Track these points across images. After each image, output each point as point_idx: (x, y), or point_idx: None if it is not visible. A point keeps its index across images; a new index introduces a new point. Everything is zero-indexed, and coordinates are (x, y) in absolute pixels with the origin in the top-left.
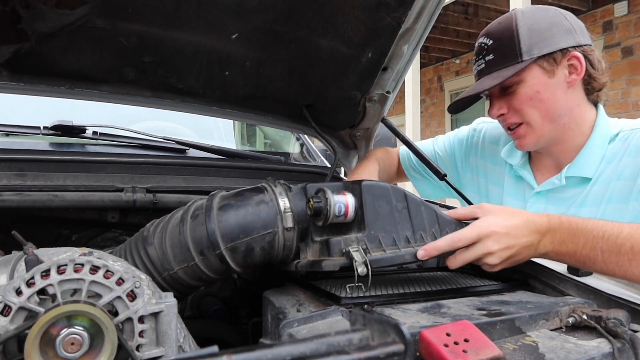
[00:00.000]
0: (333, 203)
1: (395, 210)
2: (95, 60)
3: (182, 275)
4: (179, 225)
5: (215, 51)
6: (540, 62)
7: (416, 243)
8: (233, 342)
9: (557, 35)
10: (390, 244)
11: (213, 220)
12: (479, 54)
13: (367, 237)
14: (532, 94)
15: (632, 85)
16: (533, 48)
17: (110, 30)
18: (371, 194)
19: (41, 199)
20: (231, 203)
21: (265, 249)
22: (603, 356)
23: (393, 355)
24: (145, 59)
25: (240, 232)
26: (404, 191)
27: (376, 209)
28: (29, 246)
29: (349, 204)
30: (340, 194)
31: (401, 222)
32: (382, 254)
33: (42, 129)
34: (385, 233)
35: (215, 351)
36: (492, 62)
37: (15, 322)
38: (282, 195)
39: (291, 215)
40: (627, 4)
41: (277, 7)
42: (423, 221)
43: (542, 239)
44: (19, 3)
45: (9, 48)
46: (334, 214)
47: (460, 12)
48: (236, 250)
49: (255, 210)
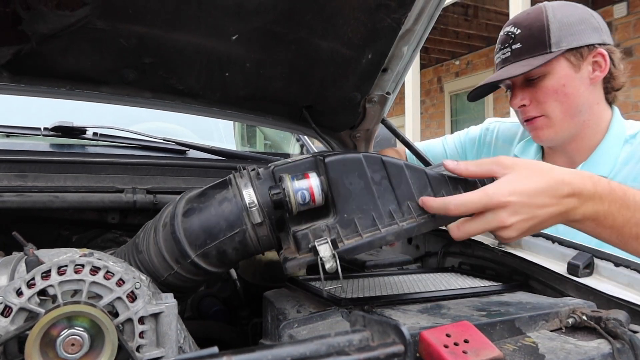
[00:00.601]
0: (293, 192)
1: (372, 183)
2: (96, 62)
3: (173, 281)
4: (155, 235)
5: (215, 52)
6: (567, 55)
7: (403, 217)
8: (233, 343)
9: (585, 31)
10: (369, 226)
11: (178, 228)
12: (504, 42)
13: (339, 222)
14: (558, 87)
15: (631, 87)
16: (562, 40)
17: (111, 31)
18: (338, 171)
19: (41, 200)
20: (194, 207)
21: (237, 249)
22: (603, 357)
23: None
24: (146, 60)
25: (206, 238)
26: (380, 158)
27: (347, 187)
28: (29, 247)
29: (313, 188)
30: (303, 178)
31: (381, 195)
32: (358, 239)
33: (43, 130)
34: (362, 213)
35: (215, 352)
36: (519, 51)
37: (15, 323)
38: (247, 187)
39: (257, 209)
40: (626, 5)
41: (277, 8)
42: (410, 188)
43: (580, 205)
44: (19, 4)
45: (9, 49)
46: (297, 204)
47: (460, 13)
48: (207, 255)
49: (218, 211)
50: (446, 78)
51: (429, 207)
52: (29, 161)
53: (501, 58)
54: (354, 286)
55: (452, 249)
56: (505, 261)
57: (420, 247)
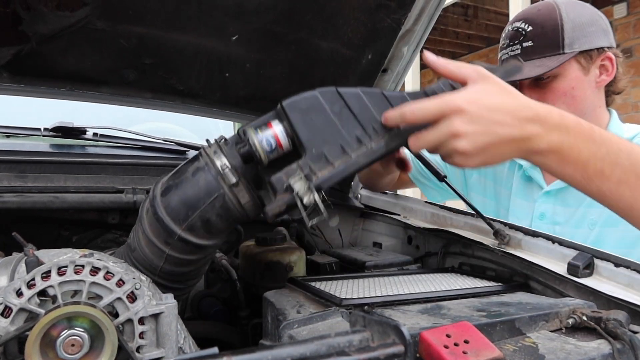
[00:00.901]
0: (258, 141)
1: (332, 115)
2: (96, 62)
3: (170, 268)
4: (141, 225)
5: (215, 52)
6: (578, 58)
7: (370, 139)
8: (233, 344)
9: (596, 33)
10: (339, 154)
11: (159, 208)
12: (514, 38)
13: (309, 158)
14: (567, 89)
15: (631, 87)
16: (575, 42)
17: (111, 31)
18: (298, 110)
19: (42, 200)
20: (170, 184)
21: (221, 214)
22: (603, 357)
23: (393, 356)
24: (146, 61)
25: (187, 210)
26: (334, 89)
27: (309, 123)
28: (29, 247)
29: (277, 134)
30: (266, 127)
31: (344, 124)
32: (331, 169)
33: (43, 131)
34: (329, 145)
35: (215, 352)
36: (531, 50)
37: (15, 324)
38: (217, 153)
39: (230, 170)
40: (626, 6)
41: (277, 9)
42: (370, 111)
43: (545, 134)
44: (19, 5)
45: (9, 49)
46: (266, 152)
47: (460, 13)
48: (193, 227)
49: (193, 182)
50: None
51: (388, 119)
52: (29, 162)
53: (509, 55)
54: (354, 286)
55: (453, 250)
56: (505, 262)
57: (421, 247)
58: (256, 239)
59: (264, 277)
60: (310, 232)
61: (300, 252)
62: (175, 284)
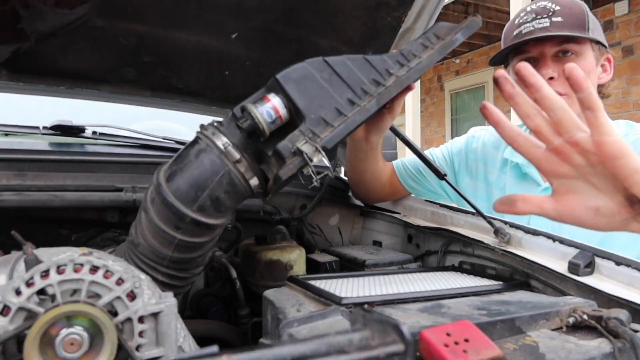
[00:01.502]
0: (259, 114)
1: (323, 81)
2: (95, 60)
3: (179, 255)
4: (146, 216)
5: (215, 51)
6: (594, 47)
7: (361, 99)
8: (233, 342)
9: (602, 32)
10: (337, 116)
11: (167, 194)
12: (542, 13)
13: (309, 123)
14: (585, 71)
15: (632, 85)
16: (595, 30)
17: (110, 29)
18: (291, 81)
19: (41, 199)
20: (174, 170)
21: (229, 191)
22: (604, 356)
23: (393, 355)
24: (145, 59)
25: (196, 191)
26: (321, 58)
27: (304, 92)
28: (28, 246)
29: (276, 105)
30: (264, 100)
31: (336, 89)
32: (332, 130)
33: (42, 129)
34: (325, 109)
35: (215, 351)
36: (560, 24)
37: (14, 323)
38: (216, 134)
39: (232, 146)
40: (627, 3)
41: (277, 7)
42: (357, 75)
43: None
44: (18, 2)
45: (8, 47)
46: (267, 123)
47: (460, 11)
48: (203, 207)
49: (198, 164)
50: (446, 76)
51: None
52: (27, 160)
53: (535, 27)
54: (354, 285)
55: (453, 248)
56: (505, 260)
57: (421, 246)
58: (256, 238)
59: (264, 275)
60: (310, 230)
61: (300, 251)
62: (182, 273)
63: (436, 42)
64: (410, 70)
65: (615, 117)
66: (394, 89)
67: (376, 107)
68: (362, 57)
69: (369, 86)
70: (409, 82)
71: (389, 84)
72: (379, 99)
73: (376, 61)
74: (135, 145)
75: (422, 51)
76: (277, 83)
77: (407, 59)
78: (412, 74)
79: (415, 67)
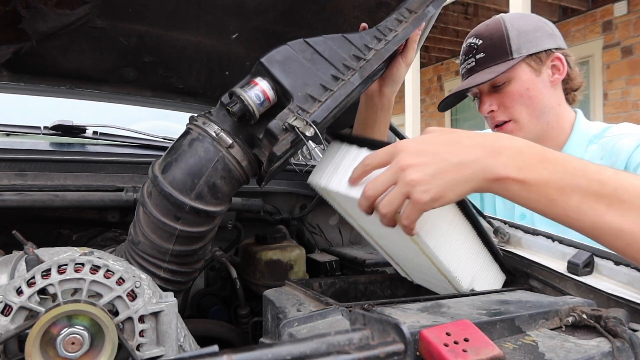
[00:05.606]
0: (249, 97)
1: (306, 61)
2: (96, 60)
3: (180, 248)
4: (144, 211)
5: (215, 51)
6: (528, 61)
7: (344, 74)
8: (233, 342)
9: (541, 37)
10: (323, 91)
11: (164, 185)
12: (468, 53)
13: (297, 101)
14: (522, 90)
15: (631, 85)
16: (522, 47)
17: (111, 30)
18: (275, 63)
19: (41, 199)
20: (169, 161)
21: (225, 177)
22: (603, 355)
23: (393, 354)
24: (146, 59)
25: (193, 179)
26: (302, 39)
27: (289, 72)
28: (29, 246)
29: (263, 87)
30: (251, 84)
31: (319, 66)
32: (320, 104)
33: (43, 129)
34: (311, 87)
35: (216, 351)
36: (483, 60)
37: (15, 322)
38: (207, 123)
39: (224, 133)
40: (626, 4)
41: (277, 7)
42: (337, 52)
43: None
44: (19, 3)
45: (9, 48)
46: (257, 105)
47: (460, 12)
48: (201, 195)
49: (192, 152)
50: (446, 76)
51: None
52: (28, 160)
53: (466, 68)
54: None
55: None
56: (505, 260)
57: None
58: (256, 238)
59: (264, 275)
60: (310, 230)
61: (300, 251)
62: (184, 267)
63: (409, 15)
64: (388, 43)
65: (615, 117)
66: (375, 61)
67: (359, 80)
68: (340, 35)
69: (350, 62)
70: (387, 55)
71: (369, 57)
72: (361, 72)
73: (355, 38)
74: (136, 145)
75: (397, 25)
76: (262, 66)
77: (383, 33)
78: (390, 46)
79: (392, 39)
